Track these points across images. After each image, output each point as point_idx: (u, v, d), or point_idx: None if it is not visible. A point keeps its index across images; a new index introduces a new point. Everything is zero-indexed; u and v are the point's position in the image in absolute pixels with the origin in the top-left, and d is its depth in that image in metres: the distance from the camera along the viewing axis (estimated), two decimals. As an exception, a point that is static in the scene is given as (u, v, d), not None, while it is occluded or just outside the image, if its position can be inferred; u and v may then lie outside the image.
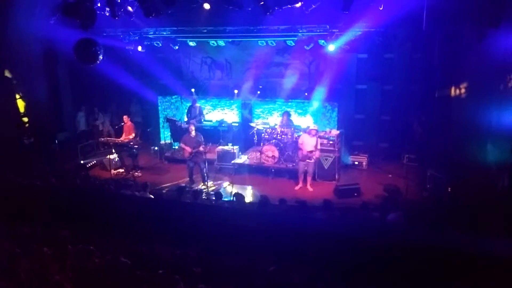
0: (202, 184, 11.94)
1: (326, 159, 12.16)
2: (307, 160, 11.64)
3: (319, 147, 11.77)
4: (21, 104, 12.59)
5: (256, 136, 13.56)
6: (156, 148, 14.87)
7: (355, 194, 11.04)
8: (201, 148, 11.86)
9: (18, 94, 12.52)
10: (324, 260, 2.97)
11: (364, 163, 13.25)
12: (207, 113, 15.44)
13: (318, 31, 12.86)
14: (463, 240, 3.11)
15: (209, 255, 6.13)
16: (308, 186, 11.75)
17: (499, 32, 7.53)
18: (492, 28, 7.65)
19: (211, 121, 15.24)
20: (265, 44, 13.85)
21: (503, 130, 7.76)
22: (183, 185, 11.99)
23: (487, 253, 2.75)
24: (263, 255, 3.73)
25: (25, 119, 12.71)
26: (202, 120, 14.77)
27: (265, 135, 13.16)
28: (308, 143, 11.67)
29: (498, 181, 7.90)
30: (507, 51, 7.45)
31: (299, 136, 12.44)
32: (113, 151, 13.31)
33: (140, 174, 13.05)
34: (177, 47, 14.65)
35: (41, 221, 4.13)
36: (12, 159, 11.20)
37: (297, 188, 11.80)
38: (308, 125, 13.36)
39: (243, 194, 9.74)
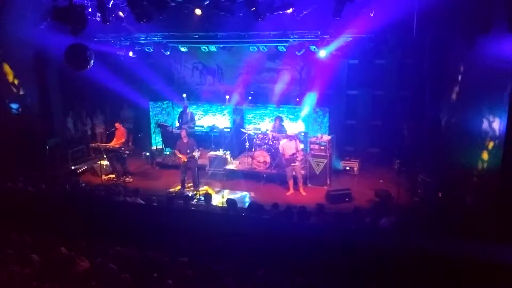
0: (194, 189, 11.89)
1: (318, 164, 12.17)
2: (292, 164, 11.67)
3: (300, 148, 11.79)
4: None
5: (247, 142, 13.53)
6: (147, 153, 14.80)
7: (347, 199, 11.06)
8: (194, 153, 11.83)
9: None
10: (315, 264, 2.97)
11: (355, 168, 13.27)
12: (199, 119, 15.41)
13: (309, 37, 12.88)
14: (454, 245, 3.12)
15: (200, 260, 6.11)
16: (301, 191, 11.75)
17: (489, 38, 7.60)
18: (482, 34, 7.71)
19: (202, 126, 15.21)
20: (256, 49, 13.85)
21: (492, 135, 7.81)
22: (174, 190, 11.96)
23: (477, 258, 2.76)
24: (254, 259, 3.72)
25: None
26: (193, 125, 14.74)
27: (256, 140, 13.15)
28: (288, 147, 11.76)
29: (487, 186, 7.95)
30: (497, 57, 7.51)
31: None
32: (104, 156, 13.23)
33: (131, 180, 12.98)
34: (168, 53, 14.61)
35: (31, 227, 4.09)
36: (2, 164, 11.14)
37: (288, 193, 11.79)
38: (298, 131, 13.47)
39: (235, 199, 9.69)
